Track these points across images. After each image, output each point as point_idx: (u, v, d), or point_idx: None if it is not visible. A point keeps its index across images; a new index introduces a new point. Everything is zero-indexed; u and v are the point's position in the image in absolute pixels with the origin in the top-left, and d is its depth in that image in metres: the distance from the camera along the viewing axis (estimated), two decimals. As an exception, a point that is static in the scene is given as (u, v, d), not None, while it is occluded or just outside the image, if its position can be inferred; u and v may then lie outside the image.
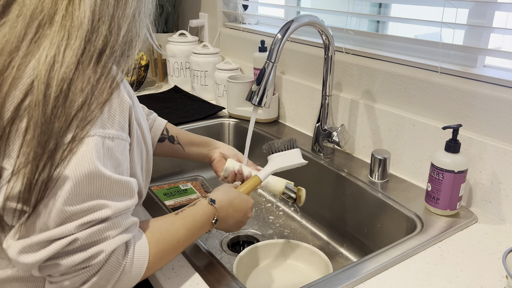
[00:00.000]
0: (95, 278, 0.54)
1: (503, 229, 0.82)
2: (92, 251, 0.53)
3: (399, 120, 0.99)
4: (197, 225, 0.68)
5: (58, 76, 0.50)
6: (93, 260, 0.54)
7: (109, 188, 0.54)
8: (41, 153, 0.49)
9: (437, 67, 0.93)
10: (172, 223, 0.65)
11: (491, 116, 0.84)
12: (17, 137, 0.50)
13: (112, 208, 0.54)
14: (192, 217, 0.68)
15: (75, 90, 0.50)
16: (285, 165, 0.84)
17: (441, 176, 0.83)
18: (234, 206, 0.75)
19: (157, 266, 0.62)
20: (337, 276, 0.68)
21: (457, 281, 0.68)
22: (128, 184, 0.57)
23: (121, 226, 0.56)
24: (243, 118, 1.36)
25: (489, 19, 0.90)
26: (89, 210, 0.52)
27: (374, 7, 1.26)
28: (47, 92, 0.49)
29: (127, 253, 0.57)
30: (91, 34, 0.53)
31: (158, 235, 0.62)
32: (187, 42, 1.62)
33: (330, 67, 1.03)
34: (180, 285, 0.67)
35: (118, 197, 0.55)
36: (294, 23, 0.89)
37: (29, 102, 0.49)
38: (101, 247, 0.54)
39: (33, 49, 0.51)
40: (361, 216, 0.99)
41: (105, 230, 0.54)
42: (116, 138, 0.55)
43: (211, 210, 0.71)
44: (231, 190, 0.77)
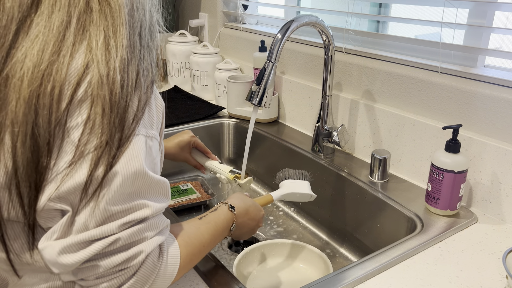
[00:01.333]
0: (132, 281, 0.52)
1: (503, 229, 0.82)
2: (133, 251, 0.52)
3: (399, 120, 0.99)
4: (219, 230, 0.69)
5: (115, 64, 0.49)
6: (133, 261, 0.52)
7: (149, 188, 0.53)
8: (104, 145, 0.47)
9: (437, 67, 0.93)
10: (197, 227, 0.66)
11: (491, 116, 0.84)
12: (76, 128, 0.47)
13: (151, 208, 0.53)
14: (214, 222, 0.69)
15: (130, 81, 0.50)
16: (294, 191, 0.90)
17: (441, 176, 0.83)
18: (249, 214, 0.77)
19: (186, 269, 0.61)
20: (337, 276, 0.68)
21: (457, 281, 0.68)
22: (165, 184, 0.56)
23: (158, 227, 0.55)
24: (243, 118, 1.36)
25: (489, 19, 0.90)
26: (131, 209, 0.51)
27: (374, 7, 1.26)
28: (110, 81, 0.48)
29: (162, 255, 0.56)
30: (131, 19, 0.52)
31: (187, 239, 0.62)
32: (187, 42, 1.62)
33: (330, 67, 1.03)
34: (180, 285, 0.67)
35: (156, 197, 0.55)
36: (294, 23, 0.89)
37: (90, 90, 0.47)
38: (141, 247, 0.52)
39: (81, 37, 0.49)
40: (361, 216, 0.99)
41: (144, 231, 0.53)
42: (154, 139, 0.54)
43: (231, 217, 0.72)
44: (247, 199, 0.79)
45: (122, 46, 0.50)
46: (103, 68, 0.48)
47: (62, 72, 0.47)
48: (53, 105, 0.46)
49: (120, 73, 0.49)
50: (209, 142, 1.37)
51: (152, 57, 0.56)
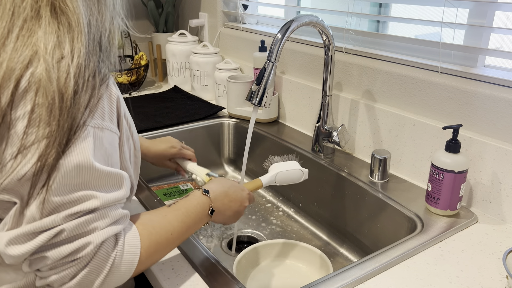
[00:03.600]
0: (84, 272, 0.53)
1: (504, 229, 0.82)
2: (80, 242, 0.52)
3: (399, 120, 0.99)
4: (191, 217, 0.67)
5: (67, 65, 0.50)
6: (81, 252, 0.52)
7: (98, 179, 0.53)
8: (49, 137, 0.48)
9: (437, 67, 0.93)
10: (164, 215, 0.65)
11: (491, 116, 0.84)
12: (21, 119, 0.48)
13: (100, 199, 0.53)
14: (185, 209, 0.67)
15: (82, 80, 0.51)
16: (285, 169, 0.87)
17: (441, 176, 0.83)
18: (229, 196, 0.74)
19: (151, 259, 0.61)
20: (337, 276, 0.68)
21: (457, 281, 0.68)
22: (118, 175, 0.56)
23: (110, 217, 0.55)
24: (243, 118, 1.36)
25: (489, 19, 0.89)
26: (77, 200, 0.52)
27: (374, 7, 1.26)
28: (60, 76, 0.50)
29: (117, 245, 0.56)
30: (90, 28, 0.54)
31: (151, 228, 0.61)
32: (187, 42, 1.62)
33: (330, 67, 1.03)
34: (180, 285, 0.67)
35: (107, 189, 0.55)
36: (294, 23, 0.89)
37: (34, 81, 0.49)
38: (89, 238, 0.53)
39: (26, 41, 0.50)
40: (361, 216, 0.98)
41: (92, 221, 0.53)
42: (106, 129, 0.55)
43: (205, 201, 0.70)
44: (225, 181, 0.77)
45: (79, 52, 0.51)
46: (50, 64, 0.49)
47: (3, 66, 0.49)
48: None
49: (74, 77, 0.50)
50: (209, 142, 1.37)
51: (111, 59, 0.58)
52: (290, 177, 0.88)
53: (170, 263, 0.71)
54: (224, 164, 1.41)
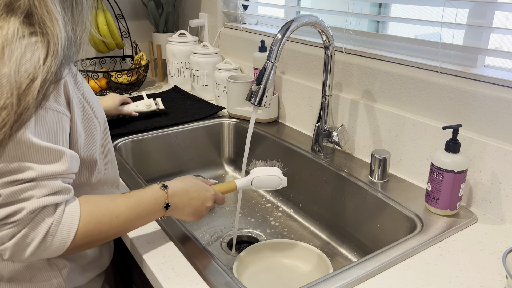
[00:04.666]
0: (20, 234, 0.58)
1: (503, 229, 0.82)
2: (13, 208, 0.58)
3: (399, 120, 0.99)
4: (142, 206, 0.69)
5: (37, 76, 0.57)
6: (14, 217, 0.58)
7: (35, 152, 0.59)
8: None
9: (437, 67, 0.94)
10: (113, 199, 0.68)
11: (491, 116, 0.84)
12: None
13: (36, 171, 0.59)
14: (137, 197, 0.70)
15: (44, 83, 0.58)
16: (262, 174, 0.86)
17: (441, 176, 0.83)
18: (189, 194, 0.75)
19: (91, 237, 0.64)
20: (337, 276, 0.68)
21: (457, 281, 0.68)
22: (57, 151, 0.61)
23: (48, 188, 0.60)
24: (243, 118, 1.36)
25: (489, 19, 0.90)
26: (14, 170, 0.58)
27: (374, 7, 1.26)
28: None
29: (55, 214, 0.61)
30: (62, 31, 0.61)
31: (94, 207, 0.65)
32: (187, 42, 1.62)
33: (330, 67, 1.03)
34: (180, 285, 0.67)
35: (45, 162, 0.60)
36: (294, 23, 0.89)
37: None
38: (23, 205, 0.58)
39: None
40: (361, 216, 0.99)
41: (28, 189, 0.58)
42: (49, 109, 0.60)
43: (161, 195, 0.72)
44: (190, 179, 0.78)
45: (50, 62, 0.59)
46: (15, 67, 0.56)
47: None
48: None
49: (41, 85, 0.58)
50: (209, 142, 1.38)
51: (74, 58, 0.65)
52: (267, 183, 0.87)
53: (170, 263, 0.72)
54: (224, 164, 1.41)
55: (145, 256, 0.73)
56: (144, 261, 0.73)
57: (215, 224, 1.12)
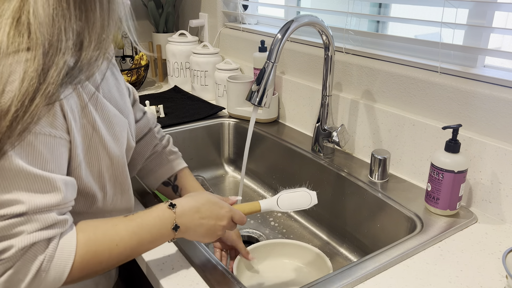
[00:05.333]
0: (10, 272, 0.53)
1: (503, 229, 0.82)
2: (2, 245, 0.53)
3: (399, 120, 0.99)
4: (146, 229, 0.63)
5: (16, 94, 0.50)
6: (4, 254, 0.53)
7: (25, 182, 0.53)
8: None
9: (437, 67, 0.94)
10: (114, 224, 0.62)
11: (491, 116, 0.84)
12: None
13: (26, 204, 0.53)
14: (140, 220, 0.63)
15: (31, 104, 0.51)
16: (288, 192, 0.78)
17: (441, 176, 0.83)
18: (201, 213, 0.68)
19: (89, 269, 0.59)
20: (337, 276, 0.68)
21: (457, 281, 0.68)
22: (49, 180, 0.55)
23: (39, 222, 0.54)
24: (243, 118, 1.36)
25: (489, 19, 0.90)
26: (1, 204, 0.52)
27: (374, 7, 1.26)
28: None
29: (47, 249, 0.55)
30: (50, 48, 0.51)
31: (92, 235, 0.59)
32: (187, 42, 1.62)
33: (330, 67, 1.03)
34: (180, 285, 0.67)
35: (36, 192, 0.54)
36: (294, 23, 0.89)
37: None
38: (12, 241, 0.53)
39: None
40: (361, 216, 0.99)
41: (17, 225, 0.53)
42: (40, 134, 0.54)
43: (168, 215, 0.65)
44: (202, 196, 0.70)
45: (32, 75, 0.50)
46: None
47: None
48: None
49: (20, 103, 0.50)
50: (209, 142, 1.38)
51: (82, 76, 0.56)
52: (295, 201, 0.78)
53: (171, 263, 0.72)
54: (224, 164, 1.41)
55: (145, 256, 0.73)
56: (144, 261, 0.73)
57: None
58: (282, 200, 0.77)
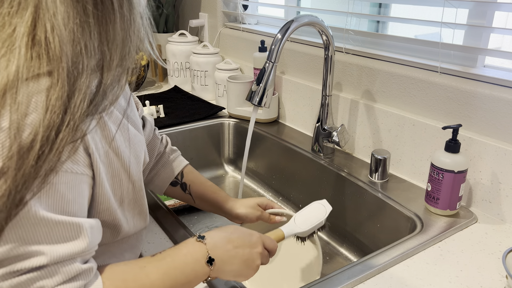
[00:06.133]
0: None
1: (503, 229, 0.82)
2: None
3: (399, 120, 0.99)
4: (179, 269, 0.56)
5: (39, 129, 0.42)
6: None
7: (45, 230, 0.45)
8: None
9: (437, 67, 0.94)
10: (142, 267, 0.54)
11: (491, 116, 0.85)
12: None
13: (48, 255, 0.45)
14: (170, 259, 0.56)
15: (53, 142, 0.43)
16: (303, 211, 0.77)
17: (441, 176, 0.83)
18: (233, 242, 0.61)
19: None
20: (337, 276, 0.68)
21: (457, 281, 0.68)
22: (75, 225, 0.48)
23: (62, 274, 0.47)
24: (243, 118, 1.36)
25: (489, 19, 0.90)
26: (18, 256, 0.44)
27: (374, 7, 1.26)
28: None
29: None
30: (78, 72, 0.44)
31: (120, 282, 0.52)
32: (187, 42, 1.62)
33: (330, 67, 1.03)
34: (180, 285, 0.67)
35: (58, 240, 0.46)
36: (294, 23, 0.89)
37: None
38: None
39: None
40: (361, 216, 0.99)
41: (37, 280, 0.45)
42: (62, 172, 0.45)
43: (199, 249, 0.58)
44: (228, 226, 0.65)
45: (54, 107, 0.42)
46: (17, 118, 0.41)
47: None
48: None
49: (41, 141, 0.42)
50: (209, 142, 1.38)
51: (104, 103, 0.48)
52: (310, 215, 0.77)
53: (170, 263, 0.71)
54: (224, 164, 1.41)
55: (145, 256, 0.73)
56: (144, 261, 0.72)
57: (215, 224, 1.12)
58: (299, 220, 0.76)
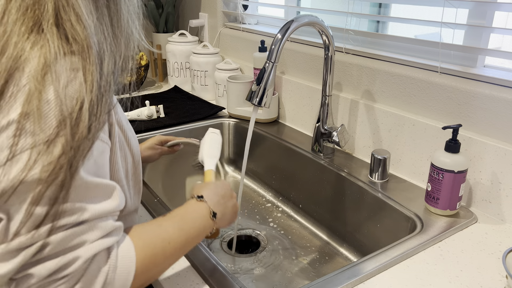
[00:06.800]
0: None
1: (503, 229, 0.82)
2: (67, 257, 0.48)
3: (399, 120, 0.99)
4: (190, 224, 0.64)
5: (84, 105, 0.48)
6: (69, 268, 0.48)
7: (86, 190, 0.50)
8: (41, 145, 0.45)
9: (437, 67, 0.94)
10: (159, 224, 0.61)
11: (491, 116, 0.85)
12: (9, 126, 0.45)
13: (89, 211, 0.50)
14: (181, 217, 0.64)
15: (97, 117, 0.50)
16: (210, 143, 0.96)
17: (441, 176, 0.83)
18: (223, 197, 0.72)
19: (149, 273, 0.57)
20: (337, 276, 0.68)
21: (457, 281, 0.68)
22: (109, 186, 0.53)
23: (101, 230, 0.51)
24: (243, 118, 1.36)
25: (489, 19, 0.90)
26: (63, 213, 0.48)
27: (374, 7, 1.26)
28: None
29: (109, 259, 0.51)
30: (101, 54, 0.51)
31: (146, 238, 0.57)
32: (187, 42, 1.62)
33: (330, 67, 1.03)
34: (180, 285, 0.67)
35: (96, 200, 0.51)
36: (294, 23, 0.89)
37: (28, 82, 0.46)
38: (77, 252, 0.48)
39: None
40: (361, 216, 0.99)
41: (81, 234, 0.49)
42: (98, 140, 0.51)
43: (203, 206, 0.67)
44: (208, 183, 0.75)
45: (91, 86, 0.49)
46: (61, 93, 0.47)
47: None
48: None
49: (90, 120, 0.48)
50: (209, 142, 1.37)
51: (119, 85, 0.57)
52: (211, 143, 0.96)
53: (170, 263, 0.72)
54: (224, 164, 1.41)
55: (145, 256, 0.73)
56: (144, 261, 0.73)
57: (215, 224, 1.12)
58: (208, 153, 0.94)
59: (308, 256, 1.01)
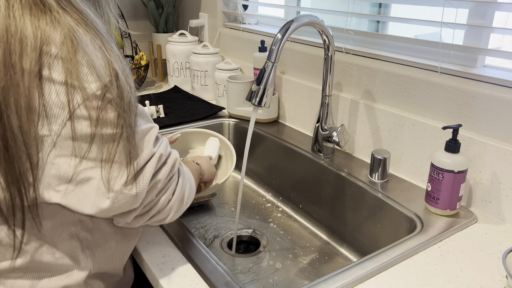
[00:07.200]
0: (179, 184, 0.64)
1: (503, 229, 0.82)
2: (172, 159, 0.62)
3: (399, 120, 0.99)
4: (193, 171, 0.82)
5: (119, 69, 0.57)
6: (176, 167, 0.63)
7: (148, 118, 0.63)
8: None
9: (437, 67, 0.94)
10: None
11: (491, 116, 0.84)
12: None
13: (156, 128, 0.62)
14: (188, 165, 0.83)
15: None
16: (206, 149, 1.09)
17: (441, 176, 0.83)
18: (210, 166, 0.92)
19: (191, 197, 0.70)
20: (337, 276, 0.68)
21: (457, 281, 0.68)
22: (154, 128, 0.64)
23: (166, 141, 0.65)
24: (243, 118, 1.36)
25: (489, 19, 0.90)
26: (149, 128, 0.60)
27: (374, 7, 1.26)
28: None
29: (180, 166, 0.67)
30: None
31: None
32: (187, 42, 1.62)
33: (330, 67, 1.03)
34: (180, 285, 0.67)
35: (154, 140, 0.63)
36: (294, 23, 0.89)
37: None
38: (174, 154, 0.64)
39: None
40: (361, 216, 0.99)
41: (167, 145, 0.63)
42: None
43: (198, 167, 0.87)
44: (200, 157, 0.93)
45: (115, 56, 0.57)
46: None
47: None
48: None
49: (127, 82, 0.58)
50: (209, 142, 1.37)
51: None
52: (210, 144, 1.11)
53: (170, 263, 0.72)
54: (224, 164, 1.41)
55: (145, 256, 0.73)
56: (144, 261, 0.73)
57: (215, 224, 1.12)
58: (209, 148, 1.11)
59: (308, 256, 1.01)
